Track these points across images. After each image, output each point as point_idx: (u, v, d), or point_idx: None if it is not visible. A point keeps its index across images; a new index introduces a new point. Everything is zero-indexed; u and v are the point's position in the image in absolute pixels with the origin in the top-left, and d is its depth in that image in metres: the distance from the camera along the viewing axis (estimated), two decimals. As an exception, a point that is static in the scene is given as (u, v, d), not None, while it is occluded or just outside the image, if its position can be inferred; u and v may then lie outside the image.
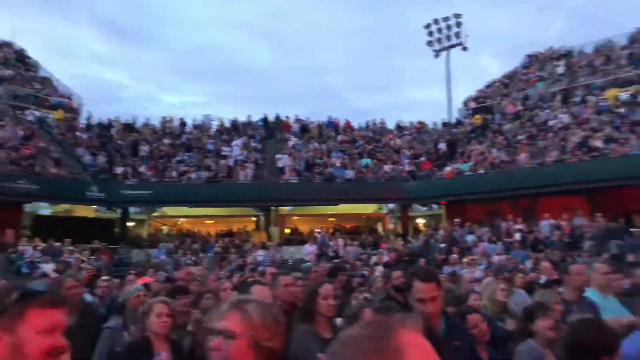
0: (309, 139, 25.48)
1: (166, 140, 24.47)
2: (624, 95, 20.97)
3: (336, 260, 13.61)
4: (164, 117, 26.81)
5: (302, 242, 19.13)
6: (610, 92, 21.47)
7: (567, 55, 29.35)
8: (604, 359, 2.55)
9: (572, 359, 2.75)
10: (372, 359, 0.81)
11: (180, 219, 26.51)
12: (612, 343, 2.62)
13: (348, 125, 27.98)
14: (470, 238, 15.91)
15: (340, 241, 17.40)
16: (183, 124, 26.69)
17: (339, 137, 26.05)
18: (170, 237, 22.11)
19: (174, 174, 21.65)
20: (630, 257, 9.61)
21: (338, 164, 22.66)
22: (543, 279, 7.04)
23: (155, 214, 25.77)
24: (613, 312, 4.38)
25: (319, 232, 20.33)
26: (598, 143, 17.55)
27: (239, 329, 1.43)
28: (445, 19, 32.60)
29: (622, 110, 19.48)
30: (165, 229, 25.96)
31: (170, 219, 26.29)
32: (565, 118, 20.85)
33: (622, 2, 76.84)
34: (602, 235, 12.91)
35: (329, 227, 23.76)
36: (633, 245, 11.67)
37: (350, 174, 22.14)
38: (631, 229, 13.94)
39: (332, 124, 27.67)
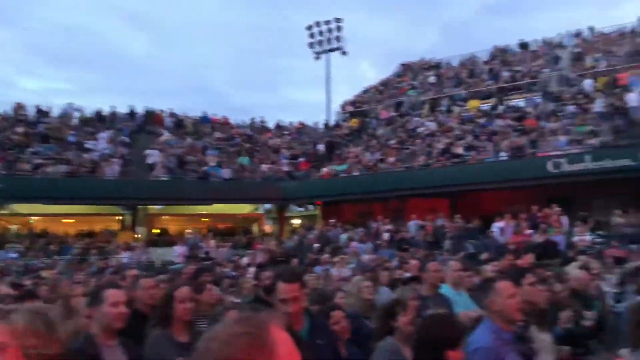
0: (184, 135, 24.66)
1: (19, 129, 22.12)
2: (484, 106, 23.22)
3: (207, 262, 13.31)
4: (17, 103, 24.23)
5: (171, 243, 18.43)
6: (472, 103, 23.63)
7: (436, 66, 31.72)
8: (449, 352, 2.75)
9: (420, 352, 2.93)
10: (253, 355, 0.82)
11: (33, 217, 24.12)
12: (456, 336, 2.82)
13: (226, 122, 27.56)
14: (343, 238, 16.50)
15: (212, 242, 17.06)
16: (40, 112, 24.35)
17: (216, 134, 25.55)
18: (20, 238, 20.01)
19: (27, 166, 19.64)
20: (484, 256, 10.59)
21: (214, 162, 22.20)
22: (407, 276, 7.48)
23: (2, 212, 23.16)
24: (464, 306, 4.77)
25: (190, 233, 19.74)
26: (460, 150, 19.19)
27: (5, 339, 1.37)
28: (327, 22, 33.49)
29: (481, 120, 21.52)
30: (13, 228, 23.43)
31: (21, 217, 23.81)
32: (432, 125, 22.51)
33: (486, 21, 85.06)
34: (460, 235, 14.18)
35: (201, 228, 23.17)
36: (487, 244, 12.92)
37: (226, 172, 21.79)
38: (488, 229, 15.40)
39: (208, 120, 27.06)
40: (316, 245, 15.92)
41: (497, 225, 13.82)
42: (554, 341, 4.12)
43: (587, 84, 21.38)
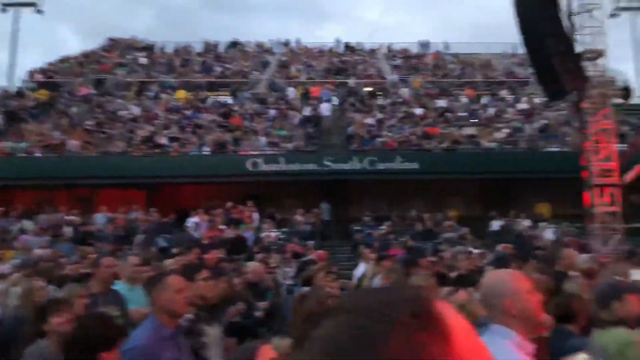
0: None
1: None
2: (192, 98, 23.64)
3: None
4: None
5: None
6: (181, 93, 23.80)
7: (148, 48, 30.99)
8: (102, 354, 2.60)
9: (70, 354, 2.71)
10: None
11: None
12: (111, 336, 2.69)
13: None
14: (15, 229, 14.54)
15: None
16: None
17: None
18: None
19: None
20: (175, 250, 10.70)
21: None
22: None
23: None
24: (139, 303, 4.69)
25: None
26: (163, 140, 19.04)
27: None
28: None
29: (188, 112, 21.83)
30: None
31: None
32: (137, 110, 21.79)
33: (203, 14, 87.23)
34: (154, 229, 14.05)
35: None
36: (180, 239, 13.10)
37: None
38: (183, 224, 15.64)
39: None
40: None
41: (192, 220, 14.17)
42: (224, 332, 4.38)
43: (291, 91, 23.95)
